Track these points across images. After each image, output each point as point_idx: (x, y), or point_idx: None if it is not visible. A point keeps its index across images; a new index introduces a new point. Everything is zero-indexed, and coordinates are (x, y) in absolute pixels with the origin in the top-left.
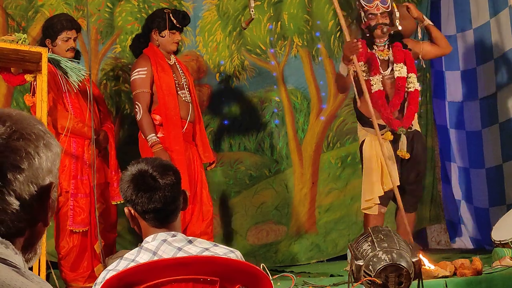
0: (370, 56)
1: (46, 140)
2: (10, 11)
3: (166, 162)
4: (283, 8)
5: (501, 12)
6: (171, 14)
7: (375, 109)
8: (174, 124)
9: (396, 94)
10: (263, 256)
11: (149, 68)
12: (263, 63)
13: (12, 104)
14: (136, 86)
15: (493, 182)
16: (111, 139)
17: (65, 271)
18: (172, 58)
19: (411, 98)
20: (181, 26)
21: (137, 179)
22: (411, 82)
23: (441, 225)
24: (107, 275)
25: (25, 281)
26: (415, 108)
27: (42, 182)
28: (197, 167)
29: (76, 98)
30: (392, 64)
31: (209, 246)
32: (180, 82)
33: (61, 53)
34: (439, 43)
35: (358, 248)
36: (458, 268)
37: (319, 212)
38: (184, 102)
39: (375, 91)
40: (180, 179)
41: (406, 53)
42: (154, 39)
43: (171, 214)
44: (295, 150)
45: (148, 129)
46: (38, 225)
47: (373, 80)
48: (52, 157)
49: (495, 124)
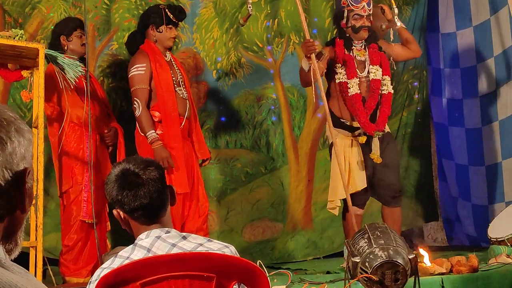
0: (347, 58)
1: (17, 125)
2: (7, 7)
3: (148, 158)
4: (280, 5)
5: (501, 10)
6: (167, 9)
7: (352, 112)
8: (172, 121)
9: (370, 97)
10: (260, 253)
11: (148, 65)
12: (260, 60)
13: (9, 100)
14: (135, 82)
15: (492, 180)
16: (120, 137)
17: (66, 264)
18: (168, 54)
19: (384, 101)
20: (177, 21)
21: (120, 178)
22: (385, 85)
23: (438, 222)
24: (101, 272)
25: (5, 272)
26: (388, 110)
27: (16, 167)
28: (194, 163)
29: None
30: (369, 66)
31: (203, 241)
32: (177, 79)
33: (76, 48)
34: (410, 47)
35: (354, 245)
36: (454, 265)
37: (315, 209)
38: (182, 99)
39: (352, 94)
40: (164, 173)
41: (381, 56)
42: (151, 35)
43: (159, 209)
44: (291, 148)
45: (148, 126)
46: (16, 212)
47: (350, 83)
48: (24, 143)
49: (495, 121)
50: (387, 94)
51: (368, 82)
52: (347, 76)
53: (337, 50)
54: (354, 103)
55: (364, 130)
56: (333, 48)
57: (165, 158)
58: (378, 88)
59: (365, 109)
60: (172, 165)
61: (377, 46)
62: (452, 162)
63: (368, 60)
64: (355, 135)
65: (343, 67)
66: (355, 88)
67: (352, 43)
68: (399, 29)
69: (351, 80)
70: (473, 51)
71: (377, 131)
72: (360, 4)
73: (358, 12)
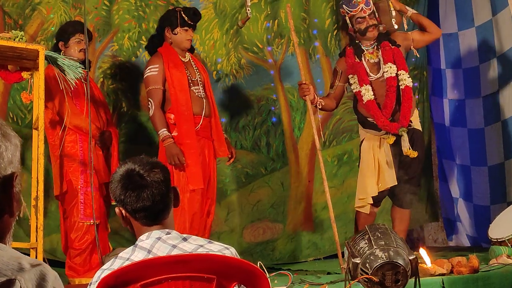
0: (357, 67)
1: (3, 130)
2: (7, 8)
3: (154, 160)
4: (280, 6)
5: (503, 10)
6: (182, 11)
7: (372, 118)
8: (185, 119)
9: (386, 97)
10: (260, 254)
11: (161, 66)
12: (260, 61)
13: (9, 101)
14: (149, 82)
15: (495, 180)
16: (114, 141)
17: (76, 268)
18: (186, 55)
19: (404, 95)
20: (192, 23)
21: (124, 178)
22: (402, 79)
23: (438, 223)
24: (102, 274)
25: None
26: (409, 104)
27: (4, 172)
28: (211, 163)
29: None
30: (383, 66)
31: (203, 243)
32: (194, 78)
33: (73, 54)
34: (428, 30)
35: (355, 246)
36: (455, 266)
37: (316, 210)
38: (197, 98)
39: (366, 101)
40: (169, 175)
41: (394, 51)
42: (167, 37)
43: (162, 212)
44: (292, 149)
45: (160, 124)
46: (4, 217)
47: (362, 91)
48: (11, 148)
49: (498, 121)
50: (405, 88)
51: (384, 82)
52: (359, 84)
53: (347, 61)
54: (370, 109)
55: (388, 131)
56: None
57: (175, 155)
58: (394, 86)
59: (382, 110)
60: (183, 162)
61: (389, 43)
62: (453, 162)
63: (382, 60)
64: (383, 135)
65: (355, 76)
66: (367, 95)
67: (362, 48)
68: (412, 16)
69: (363, 88)
70: (476, 52)
71: (401, 128)
72: (358, 7)
73: (359, 15)
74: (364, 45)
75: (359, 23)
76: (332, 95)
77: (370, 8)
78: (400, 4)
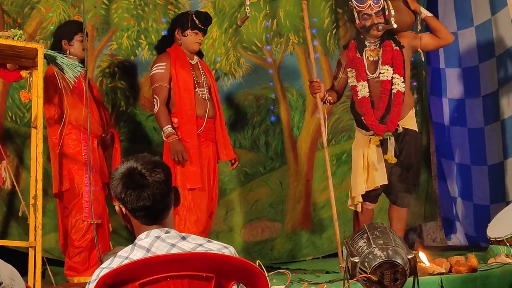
0: (357, 61)
1: None
2: (6, 7)
3: (156, 159)
4: (279, 5)
5: (502, 10)
6: (194, 15)
7: (361, 114)
8: (188, 119)
9: (380, 98)
10: (259, 253)
11: (168, 64)
12: (259, 60)
13: (8, 100)
14: (155, 80)
15: (494, 179)
16: (117, 143)
17: (76, 266)
18: (195, 58)
19: (394, 100)
20: (203, 27)
21: (126, 176)
22: (395, 83)
23: (437, 222)
24: (100, 272)
25: None
26: (399, 110)
27: None
28: (213, 165)
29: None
30: (380, 66)
31: (202, 242)
32: (200, 80)
33: (77, 52)
34: (439, 35)
35: (353, 245)
36: (453, 265)
37: (314, 209)
38: (201, 99)
39: (360, 97)
40: (170, 175)
41: (395, 53)
42: (177, 39)
43: (162, 212)
44: (290, 148)
45: (164, 121)
46: None
47: (358, 86)
48: None
49: (498, 121)
50: (396, 93)
51: (379, 83)
52: (356, 79)
53: (348, 54)
54: (362, 106)
55: (374, 132)
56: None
57: (179, 151)
58: (387, 89)
59: (375, 110)
60: (186, 159)
61: (392, 43)
62: (452, 162)
63: (381, 60)
64: (372, 135)
65: (353, 70)
66: (363, 91)
67: (365, 44)
68: (425, 19)
69: (359, 83)
70: (475, 51)
71: (386, 131)
72: (366, 3)
73: (366, 12)
74: (368, 41)
75: (365, 20)
76: (336, 87)
77: (379, 6)
78: (415, 4)
